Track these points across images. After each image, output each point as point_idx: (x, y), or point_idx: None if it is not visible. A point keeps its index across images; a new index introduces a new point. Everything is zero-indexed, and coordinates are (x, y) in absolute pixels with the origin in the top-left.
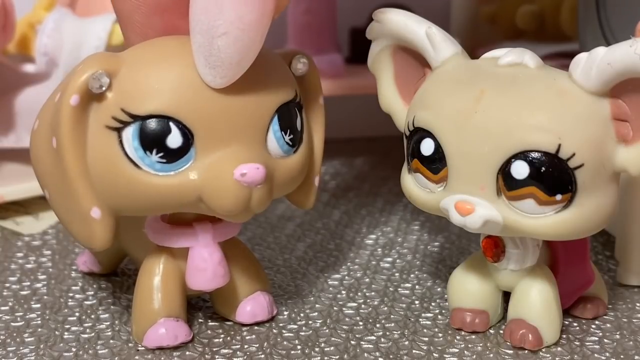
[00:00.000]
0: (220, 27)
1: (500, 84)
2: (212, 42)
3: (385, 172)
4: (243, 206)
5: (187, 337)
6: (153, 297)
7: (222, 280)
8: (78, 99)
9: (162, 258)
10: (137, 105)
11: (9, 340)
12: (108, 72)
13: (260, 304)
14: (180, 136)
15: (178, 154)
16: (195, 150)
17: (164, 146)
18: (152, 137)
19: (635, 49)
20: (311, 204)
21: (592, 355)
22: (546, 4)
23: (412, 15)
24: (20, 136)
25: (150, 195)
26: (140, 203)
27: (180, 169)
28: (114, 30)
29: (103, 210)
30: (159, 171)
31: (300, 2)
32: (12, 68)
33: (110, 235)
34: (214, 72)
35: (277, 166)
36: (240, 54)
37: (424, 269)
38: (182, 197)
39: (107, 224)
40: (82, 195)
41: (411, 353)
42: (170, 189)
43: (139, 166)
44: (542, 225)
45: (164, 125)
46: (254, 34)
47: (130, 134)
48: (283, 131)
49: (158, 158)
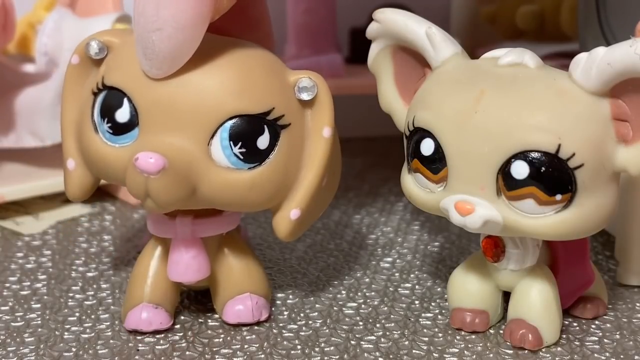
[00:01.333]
0: (155, 23)
1: (500, 84)
2: (147, 35)
3: (385, 172)
4: (137, 191)
5: (163, 325)
6: (140, 283)
7: (196, 275)
8: (78, 59)
9: (158, 247)
10: (109, 77)
11: (9, 340)
12: (106, 44)
13: (246, 306)
14: (128, 113)
15: (123, 129)
16: (139, 131)
17: (113, 118)
18: (106, 106)
19: (635, 49)
20: (283, 235)
21: (592, 355)
22: (546, 4)
23: (412, 15)
24: (20, 136)
25: (98, 159)
26: (93, 165)
27: (123, 143)
28: None
29: (78, 164)
30: (107, 140)
31: (300, 2)
32: (12, 68)
33: (80, 190)
34: (150, 63)
35: (217, 174)
36: (174, 50)
37: (424, 269)
38: (117, 171)
39: (79, 177)
40: (65, 145)
41: (411, 353)
42: (109, 159)
43: (97, 131)
44: (542, 225)
45: (118, 99)
46: (188, 33)
47: (99, 100)
48: (232, 141)
49: (107, 127)
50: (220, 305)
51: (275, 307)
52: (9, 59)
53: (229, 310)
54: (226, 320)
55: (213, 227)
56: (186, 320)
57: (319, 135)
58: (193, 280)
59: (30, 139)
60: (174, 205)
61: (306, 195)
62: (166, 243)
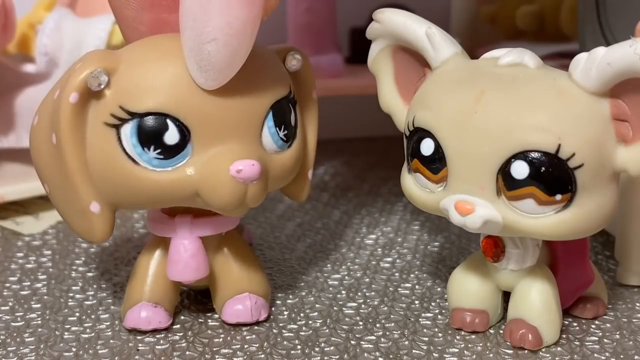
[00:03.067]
0: (209, 34)
1: (500, 84)
2: (201, 47)
3: (385, 172)
4: (239, 201)
5: (162, 324)
6: (140, 281)
7: (195, 274)
8: (77, 96)
9: (158, 247)
10: (135, 103)
11: (9, 340)
12: (107, 70)
13: (244, 306)
14: (177, 133)
15: (175, 150)
16: (192, 146)
17: (162, 143)
18: (149, 134)
19: (635, 49)
20: (304, 196)
21: (592, 355)
22: (546, 4)
23: (412, 15)
24: (20, 136)
25: (148, 190)
26: (138, 198)
27: (177, 164)
28: (114, 30)
29: (102, 205)
30: (156, 167)
31: (300, 2)
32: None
33: (110, 229)
34: (206, 75)
35: (272, 161)
36: (231, 58)
37: (424, 269)
38: (179, 192)
39: (107, 217)
40: (81, 190)
41: (411, 353)
42: (167, 184)
43: (137, 162)
44: (542, 225)
45: (161, 123)
46: (243, 38)
47: (129, 130)
48: (277, 127)
49: (156, 154)
50: (220, 305)
51: (275, 307)
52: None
53: (228, 309)
54: (225, 319)
55: (212, 227)
56: (186, 320)
57: (309, 98)
58: (191, 279)
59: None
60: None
61: (313, 154)
62: (166, 242)
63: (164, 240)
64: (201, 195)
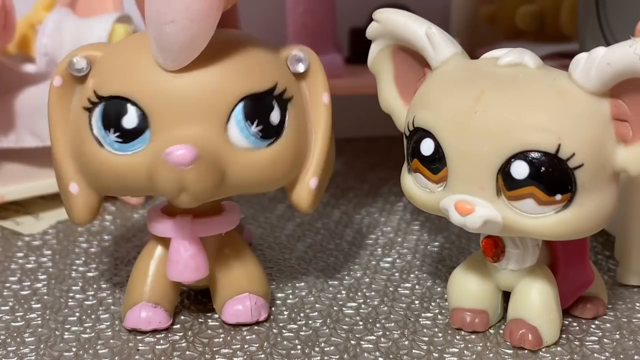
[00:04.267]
0: (168, 15)
1: (500, 84)
2: (161, 28)
3: (385, 172)
4: (172, 187)
5: (162, 324)
6: (140, 282)
7: (195, 275)
8: (60, 80)
9: (158, 247)
10: (104, 87)
11: (9, 340)
12: (89, 58)
13: (245, 306)
14: (136, 117)
15: (133, 135)
16: (151, 132)
17: (120, 126)
18: (110, 116)
19: (635, 49)
20: (307, 206)
21: (592, 355)
22: (546, 4)
23: (412, 15)
24: (20, 136)
25: (109, 173)
26: (104, 181)
27: (135, 149)
28: (114, 30)
29: (81, 186)
30: (117, 150)
31: (300, 2)
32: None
33: (90, 213)
34: (165, 55)
35: (240, 157)
36: (189, 41)
37: (424, 269)
38: (134, 178)
39: (85, 200)
40: (63, 170)
41: (411, 353)
42: (124, 168)
43: (102, 144)
44: (542, 225)
45: (121, 106)
46: (203, 23)
47: (97, 113)
48: (249, 121)
49: (115, 137)
50: (220, 305)
51: (275, 307)
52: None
53: (228, 310)
54: (225, 320)
55: (212, 227)
56: (186, 320)
57: (318, 102)
58: (191, 280)
59: (30, 139)
60: (208, 195)
61: (320, 161)
62: (166, 242)
63: (163, 241)
64: (150, 182)
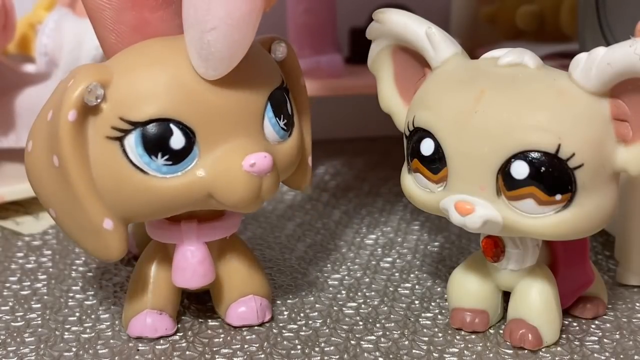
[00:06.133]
0: (209, 22)
1: (500, 84)
2: (202, 36)
3: (385, 172)
4: (255, 196)
5: (168, 331)
6: (142, 288)
7: (202, 281)
8: (76, 114)
9: (159, 252)
10: (135, 112)
11: (9, 340)
12: (101, 83)
13: (250, 308)
14: (182, 136)
15: (183, 154)
16: (199, 147)
17: (168, 148)
18: (155, 141)
19: (635, 49)
20: (307, 183)
21: (592, 355)
22: (546, 4)
23: (412, 15)
24: (20, 136)
25: (160, 198)
26: (151, 208)
27: (186, 168)
28: None
29: (115, 221)
30: (166, 174)
31: (300, 2)
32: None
33: (125, 244)
34: (206, 64)
35: (277, 152)
36: (231, 49)
37: (424, 269)
38: (192, 196)
39: (121, 233)
40: (92, 209)
41: (411, 353)
42: (179, 190)
43: (146, 172)
44: (542, 225)
45: (165, 128)
46: (243, 29)
47: (133, 141)
48: (277, 117)
49: (164, 161)
50: (224, 309)
51: (275, 307)
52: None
53: (233, 313)
54: (230, 323)
55: (218, 231)
56: (186, 320)
57: (298, 85)
58: (199, 285)
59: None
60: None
61: (309, 140)
62: (166, 247)
63: (164, 246)
64: (215, 195)
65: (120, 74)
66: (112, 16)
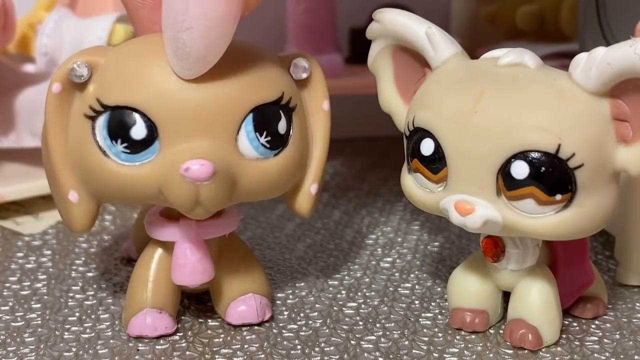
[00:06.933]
0: (185, 22)
1: (500, 84)
2: (178, 35)
3: (385, 172)
4: (189, 201)
5: (168, 330)
6: (142, 287)
7: (202, 277)
8: (60, 87)
9: (158, 251)
10: (108, 96)
11: (9, 340)
12: (90, 64)
13: (250, 306)
14: (145, 128)
15: (142, 146)
16: (160, 143)
17: (128, 137)
18: (117, 127)
19: (635, 49)
20: (306, 212)
21: (592, 355)
22: (546, 4)
23: (412, 16)
24: (20, 136)
25: (116, 183)
26: (109, 190)
27: (144, 160)
28: (114, 30)
29: (81, 194)
30: (124, 161)
31: (300, 2)
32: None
33: (89, 221)
34: (182, 63)
35: (249, 168)
36: (206, 49)
37: (424, 269)
38: (144, 188)
39: (85, 208)
40: (61, 178)
41: (411, 353)
42: (133, 179)
43: (107, 155)
44: (542, 225)
45: (129, 117)
46: (220, 31)
47: (101, 123)
48: (258, 132)
49: (123, 148)
50: (223, 307)
51: (275, 307)
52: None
53: (233, 311)
54: (230, 321)
55: (217, 229)
56: (186, 320)
57: (319, 110)
58: (199, 283)
59: (30, 139)
60: (221, 207)
61: (320, 168)
62: (166, 245)
63: (163, 244)
64: (162, 193)
65: (110, 59)
66: (147, 16)
